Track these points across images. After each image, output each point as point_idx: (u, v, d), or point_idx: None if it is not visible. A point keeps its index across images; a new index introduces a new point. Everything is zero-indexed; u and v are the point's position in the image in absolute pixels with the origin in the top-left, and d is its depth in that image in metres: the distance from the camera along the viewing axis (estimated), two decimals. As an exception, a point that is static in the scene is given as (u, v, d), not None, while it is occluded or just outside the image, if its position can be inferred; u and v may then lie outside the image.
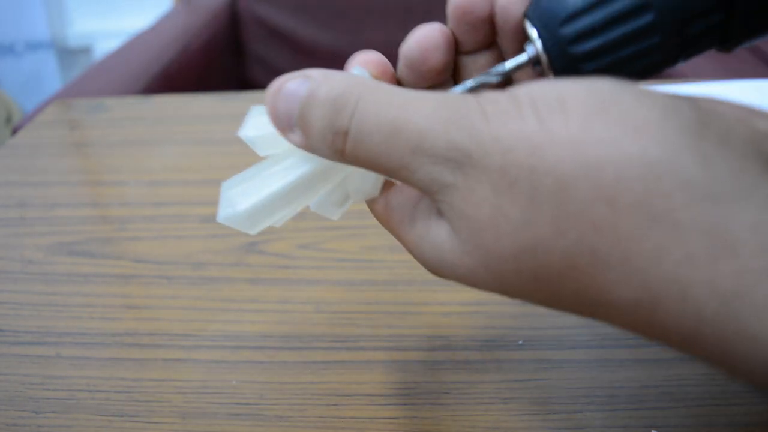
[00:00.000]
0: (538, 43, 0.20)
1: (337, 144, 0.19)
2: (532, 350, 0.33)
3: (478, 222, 0.17)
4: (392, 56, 0.23)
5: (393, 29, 1.19)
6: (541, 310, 0.21)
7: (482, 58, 0.23)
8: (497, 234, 0.17)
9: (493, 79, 0.22)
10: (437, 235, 0.19)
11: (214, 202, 0.22)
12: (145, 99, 0.69)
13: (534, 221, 0.16)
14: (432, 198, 0.18)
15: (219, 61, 1.18)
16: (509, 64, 0.21)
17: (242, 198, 0.22)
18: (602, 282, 0.15)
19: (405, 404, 0.30)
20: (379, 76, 0.23)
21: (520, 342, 0.34)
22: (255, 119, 0.23)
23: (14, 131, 0.71)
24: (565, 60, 0.20)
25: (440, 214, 0.19)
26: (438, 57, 0.22)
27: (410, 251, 0.21)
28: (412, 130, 0.17)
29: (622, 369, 0.32)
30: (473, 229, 0.17)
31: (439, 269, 0.19)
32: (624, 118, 0.15)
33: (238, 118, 0.22)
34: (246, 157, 0.23)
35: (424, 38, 0.22)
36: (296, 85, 0.20)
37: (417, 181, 0.18)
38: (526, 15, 0.21)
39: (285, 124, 0.20)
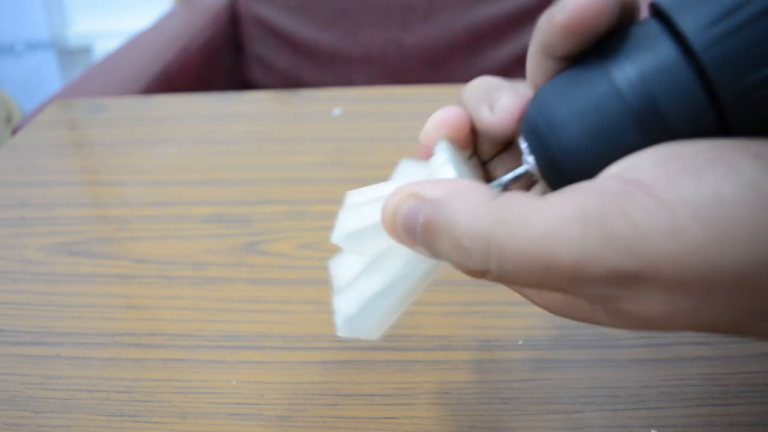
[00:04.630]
0: (534, 165, 0.20)
1: (476, 275, 0.19)
2: (532, 350, 0.33)
3: (650, 321, 0.17)
4: (391, 56, 0.23)
5: (393, 29, 1.19)
6: (541, 310, 0.21)
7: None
8: (670, 325, 0.17)
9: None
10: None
11: (214, 202, 0.21)
12: (145, 99, 0.69)
13: (708, 309, 0.16)
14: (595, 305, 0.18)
15: (219, 61, 1.18)
16: (506, 177, 0.21)
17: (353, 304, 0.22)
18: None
19: (405, 404, 0.30)
20: (460, 138, 0.23)
21: (520, 342, 0.34)
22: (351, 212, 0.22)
23: (14, 131, 0.71)
24: (565, 181, 0.19)
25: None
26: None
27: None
28: (566, 265, 0.17)
29: (622, 369, 0.32)
30: (644, 325, 0.18)
31: None
32: None
33: (238, 118, 0.22)
34: (246, 157, 0.23)
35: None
36: (409, 209, 0.19)
37: (574, 300, 0.19)
38: (522, 134, 0.21)
39: (409, 243, 0.20)
